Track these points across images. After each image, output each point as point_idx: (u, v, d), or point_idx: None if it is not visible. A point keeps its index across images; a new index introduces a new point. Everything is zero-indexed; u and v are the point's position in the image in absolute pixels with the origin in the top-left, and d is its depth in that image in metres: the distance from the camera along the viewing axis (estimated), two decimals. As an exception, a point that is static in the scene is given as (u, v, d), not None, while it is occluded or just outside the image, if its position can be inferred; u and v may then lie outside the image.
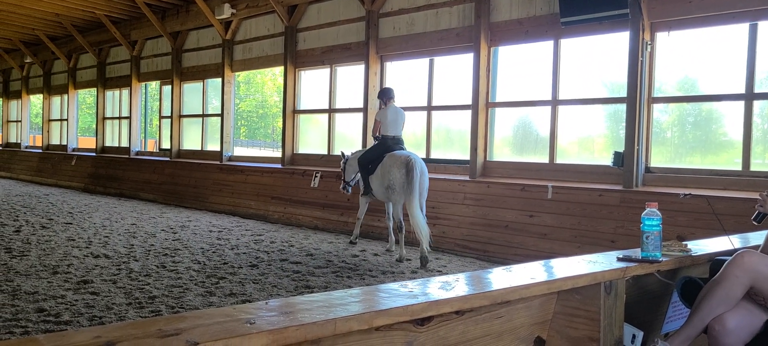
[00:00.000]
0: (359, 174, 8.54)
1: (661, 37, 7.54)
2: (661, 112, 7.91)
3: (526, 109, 9.02)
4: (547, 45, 8.48)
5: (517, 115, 9.21)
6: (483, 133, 9.05)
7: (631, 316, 2.69)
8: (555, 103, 8.42)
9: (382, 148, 8.09)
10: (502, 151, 9.28)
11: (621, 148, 7.64)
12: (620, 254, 2.85)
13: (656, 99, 7.63)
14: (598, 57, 8.32)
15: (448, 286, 2.10)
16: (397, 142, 8.12)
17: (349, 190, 9.03)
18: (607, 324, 2.49)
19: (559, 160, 8.46)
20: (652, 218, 2.84)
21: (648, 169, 7.59)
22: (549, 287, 2.36)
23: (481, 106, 9.00)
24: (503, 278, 2.35)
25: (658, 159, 7.71)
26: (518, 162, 8.93)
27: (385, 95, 8.40)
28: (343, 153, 9.20)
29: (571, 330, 2.51)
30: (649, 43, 7.44)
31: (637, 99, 7.42)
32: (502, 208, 8.36)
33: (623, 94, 7.69)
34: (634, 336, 2.68)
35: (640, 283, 2.82)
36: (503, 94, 9.14)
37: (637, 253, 2.84)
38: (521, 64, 9.02)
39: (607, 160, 7.91)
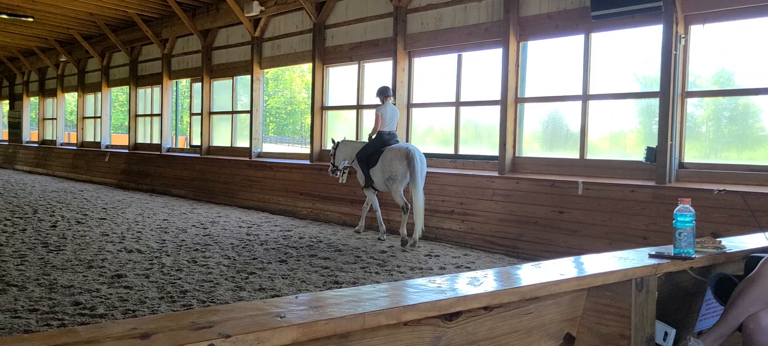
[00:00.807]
0: (350, 161, 9.17)
1: (696, 30, 7.39)
2: (695, 107, 7.76)
3: (555, 104, 8.94)
4: (578, 39, 8.38)
5: (546, 111, 9.12)
6: (512, 129, 8.98)
7: (664, 313, 2.65)
8: (586, 98, 8.32)
9: (379, 143, 8.64)
10: (531, 147, 9.21)
11: (654, 144, 7.52)
12: (652, 250, 2.80)
13: (690, 93, 7.49)
14: (630, 51, 8.19)
15: (477, 281, 2.10)
16: (392, 137, 8.73)
17: (338, 174, 9.44)
18: (638, 321, 2.46)
19: (590, 155, 8.36)
20: (684, 214, 2.79)
21: (682, 165, 7.46)
22: (579, 284, 2.34)
23: (510, 101, 8.94)
24: (532, 274, 2.33)
25: (693, 154, 7.57)
26: (548, 158, 8.85)
27: (384, 93, 8.85)
28: (333, 140, 9.69)
29: (602, 327, 2.49)
30: (682, 36, 7.30)
31: (670, 93, 7.29)
32: (532, 204, 8.29)
33: (656, 88, 7.56)
34: (666, 334, 2.64)
35: (672, 280, 2.78)
36: (532, 89, 9.06)
37: (669, 249, 2.80)
38: (551, 59, 8.93)
39: (639, 155, 7.79)
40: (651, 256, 2.70)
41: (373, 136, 8.78)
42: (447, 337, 1.99)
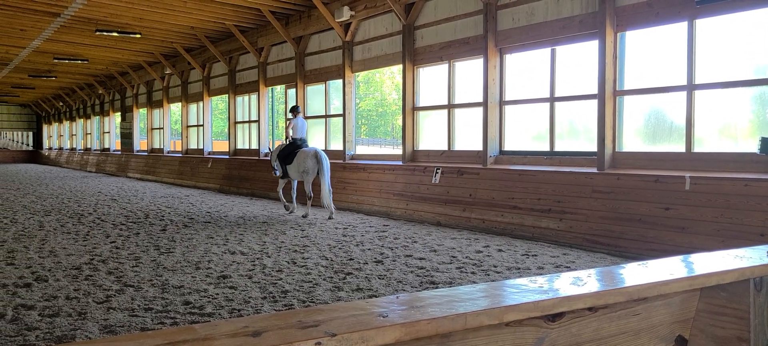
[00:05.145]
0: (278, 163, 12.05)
1: (814, 9, 6.84)
2: (815, 93, 7.18)
3: (658, 96, 8.52)
4: (681, 26, 7.96)
5: (648, 103, 8.72)
6: (611, 123, 8.65)
7: (787, 315, 2.46)
8: (691, 88, 7.89)
9: (293, 146, 11.73)
10: (632, 142, 8.83)
11: (768, 134, 7.02)
12: (772, 248, 2.61)
13: (809, 78, 6.93)
14: (738, 36, 7.69)
15: (580, 281, 2.04)
16: (303, 142, 11.87)
17: (277, 172, 11.99)
18: (758, 323, 2.30)
19: (697, 148, 7.92)
20: (809, 208, 2.59)
21: (801, 156, 6.92)
22: (690, 284, 2.21)
23: (608, 94, 8.61)
24: (638, 273, 2.23)
25: (813, 144, 7.00)
26: (651, 152, 8.46)
27: (295, 110, 12.05)
28: (269, 147, 13.34)
29: (718, 329, 2.35)
30: (799, 16, 6.77)
31: (786, 79, 6.78)
32: (635, 200, 7.95)
33: (769, 74, 7.05)
34: (790, 337, 2.46)
35: (796, 280, 2.58)
36: (632, 81, 8.69)
37: (792, 247, 2.60)
38: (651, 49, 8.53)
39: (753, 147, 7.29)
40: (771, 254, 2.51)
41: (288, 142, 11.78)
42: (550, 338, 1.94)
